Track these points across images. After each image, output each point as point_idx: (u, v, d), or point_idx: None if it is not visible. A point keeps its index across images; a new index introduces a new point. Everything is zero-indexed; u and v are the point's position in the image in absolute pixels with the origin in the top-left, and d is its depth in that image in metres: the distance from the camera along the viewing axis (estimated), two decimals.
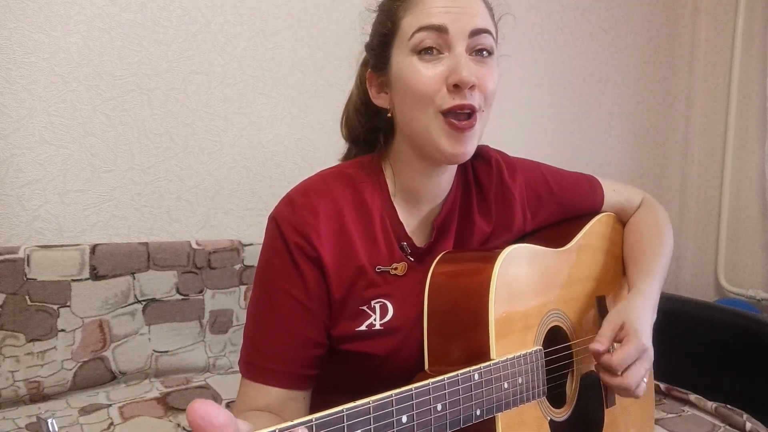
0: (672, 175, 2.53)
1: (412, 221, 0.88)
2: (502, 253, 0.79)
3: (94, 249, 1.32)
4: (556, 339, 0.88)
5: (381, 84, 0.85)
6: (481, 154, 0.95)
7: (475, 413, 0.70)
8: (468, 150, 0.80)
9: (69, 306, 1.28)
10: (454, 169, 0.90)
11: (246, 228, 1.60)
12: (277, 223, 0.81)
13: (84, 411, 1.22)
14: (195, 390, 1.35)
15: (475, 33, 0.78)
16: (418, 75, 0.77)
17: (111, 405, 1.25)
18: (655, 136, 2.45)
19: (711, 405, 1.40)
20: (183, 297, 1.41)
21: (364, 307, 0.82)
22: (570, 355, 0.91)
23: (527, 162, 1.00)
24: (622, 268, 1.06)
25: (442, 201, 0.90)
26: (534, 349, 0.80)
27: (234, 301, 1.48)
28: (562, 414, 0.87)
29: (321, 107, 1.66)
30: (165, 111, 1.46)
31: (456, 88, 0.76)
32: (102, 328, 1.32)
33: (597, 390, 0.95)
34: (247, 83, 1.56)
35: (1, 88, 1.28)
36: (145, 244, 1.38)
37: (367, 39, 0.88)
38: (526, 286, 0.83)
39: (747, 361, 1.57)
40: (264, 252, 0.83)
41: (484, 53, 0.79)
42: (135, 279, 1.35)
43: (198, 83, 1.50)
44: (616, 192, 1.08)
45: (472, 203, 0.92)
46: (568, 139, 2.22)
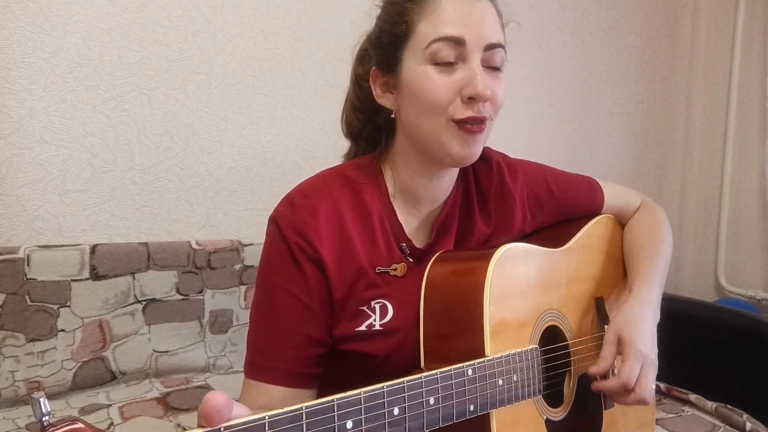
0: (672, 175, 2.53)
1: (411, 222, 0.88)
2: (497, 252, 0.79)
3: (94, 249, 1.32)
4: (553, 339, 0.88)
5: (387, 84, 0.84)
6: (482, 155, 0.94)
7: (469, 408, 0.70)
8: (476, 152, 0.81)
9: (69, 306, 1.29)
10: (455, 172, 0.90)
11: (246, 228, 1.60)
12: (278, 224, 0.81)
13: (84, 411, 1.22)
14: (195, 390, 1.35)
15: (490, 47, 0.78)
16: (433, 85, 0.78)
17: (111, 405, 1.25)
18: (655, 136, 2.45)
19: (711, 405, 1.40)
20: (183, 297, 1.42)
21: (363, 308, 0.82)
22: (567, 355, 0.91)
23: (528, 163, 1.01)
24: (621, 270, 1.06)
25: (442, 202, 0.90)
26: (529, 348, 0.80)
27: (234, 301, 1.49)
28: (559, 413, 0.87)
29: (321, 107, 1.66)
30: (165, 111, 1.46)
31: (471, 100, 0.77)
32: (102, 328, 1.33)
33: (594, 390, 0.95)
34: (247, 83, 1.57)
35: (1, 88, 1.28)
36: (145, 244, 1.39)
37: (372, 33, 0.86)
38: (521, 285, 0.83)
39: (747, 361, 1.57)
40: (265, 253, 0.84)
41: (496, 67, 0.80)
42: (135, 279, 1.36)
43: (198, 83, 1.50)
44: (615, 194, 1.08)
45: (472, 205, 0.92)
46: (568, 139, 2.22)
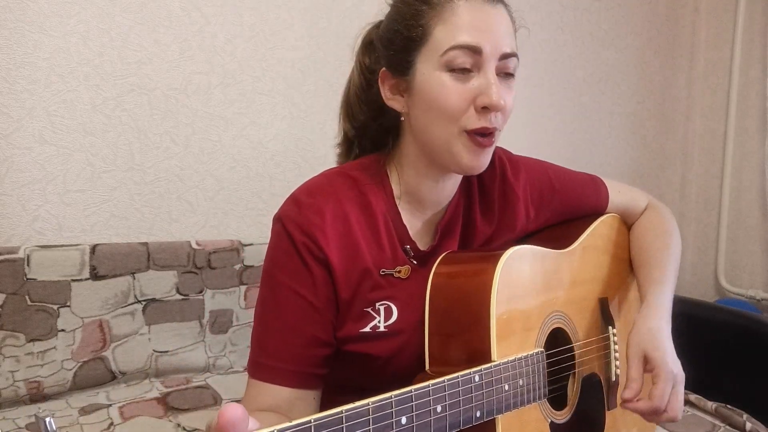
0: (672, 175, 2.53)
1: (415, 224, 0.88)
2: (504, 255, 0.79)
3: (94, 249, 1.32)
4: (557, 341, 0.88)
5: (397, 86, 0.83)
6: None
7: (475, 415, 0.70)
8: (484, 163, 0.82)
9: (69, 306, 1.28)
10: (459, 175, 0.89)
11: (246, 228, 1.59)
12: (283, 224, 0.81)
13: (84, 411, 1.22)
14: (195, 390, 1.34)
15: (505, 57, 0.78)
16: (448, 93, 0.77)
17: (111, 405, 1.25)
18: (655, 136, 2.45)
19: (711, 405, 1.40)
20: (183, 297, 1.41)
21: (368, 309, 0.82)
22: (572, 357, 0.90)
23: (531, 160, 1.00)
24: (627, 270, 1.06)
25: (446, 204, 0.90)
26: (535, 351, 0.80)
27: (234, 301, 1.48)
28: (563, 416, 0.87)
29: (321, 107, 1.66)
30: (165, 111, 1.46)
31: (484, 110, 0.77)
32: (102, 328, 1.32)
33: (598, 392, 0.95)
34: (247, 83, 1.56)
35: (1, 88, 1.28)
36: (145, 244, 1.38)
37: (382, 32, 0.84)
38: (528, 287, 0.83)
39: (747, 361, 1.57)
40: (270, 252, 0.83)
41: (509, 76, 0.80)
42: (135, 279, 1.35)
43: (198, 83, 1.49)
44: (620, 193, 1.08)
45: (475, 205, 0.92)
46: (568, 139, 2.22)
